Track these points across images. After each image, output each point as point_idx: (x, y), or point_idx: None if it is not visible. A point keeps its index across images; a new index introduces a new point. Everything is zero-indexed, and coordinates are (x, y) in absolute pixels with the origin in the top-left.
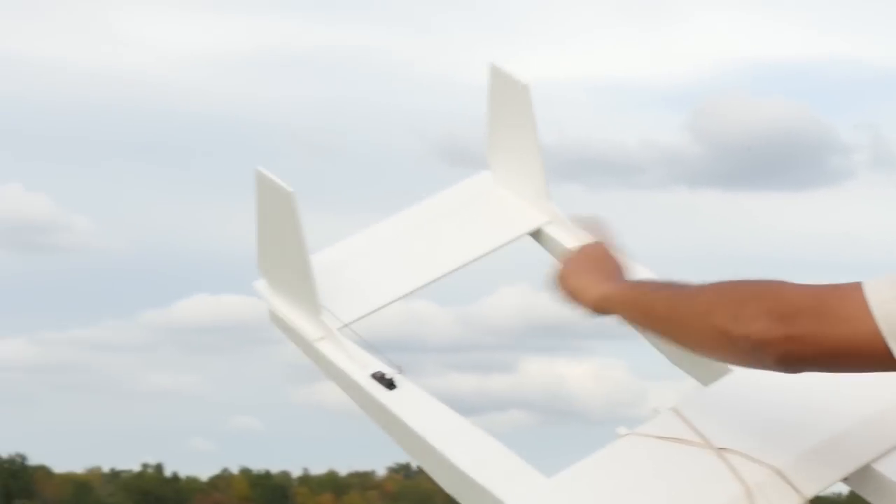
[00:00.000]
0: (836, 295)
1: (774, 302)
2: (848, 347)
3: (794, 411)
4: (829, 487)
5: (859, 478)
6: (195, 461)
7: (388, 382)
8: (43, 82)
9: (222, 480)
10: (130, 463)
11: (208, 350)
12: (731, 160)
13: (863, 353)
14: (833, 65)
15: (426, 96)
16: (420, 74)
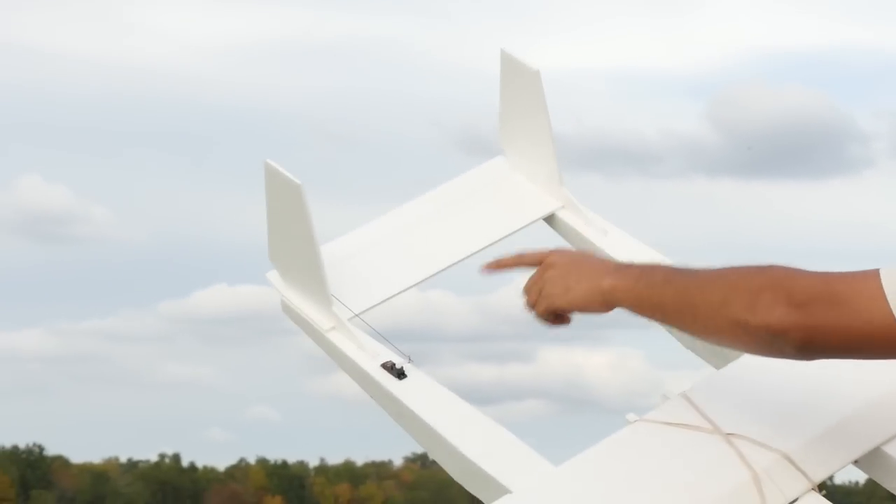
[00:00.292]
0: (852, 282)
1: (790, 290)
2: (864, 335)
3: (803, 396)
4: (838, 471)
5: (870, 461)
6: (212, 451)
7: (397, 372)
8: (61, 74)
9: (239, 471)
10: (148, 453)
11: (226, 341)
12: (750, 145)
13: (879, 340)
14: (852, 53)
15: (444, 86)
16: (438, 64)
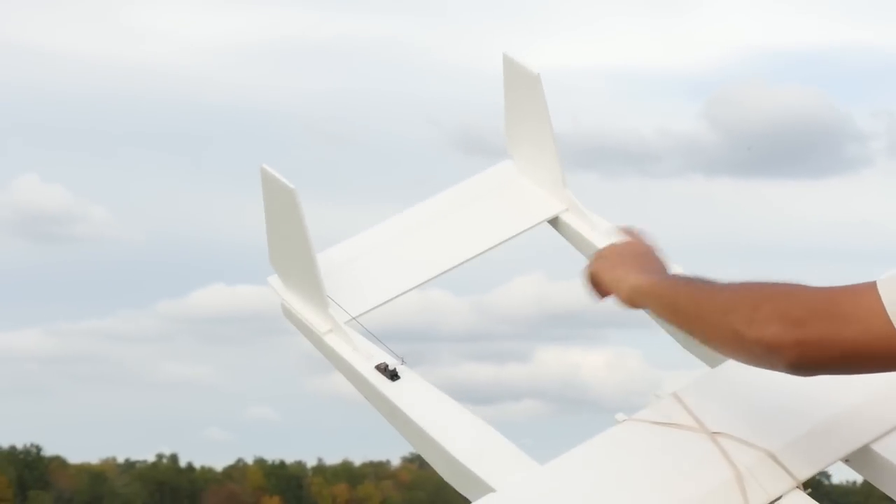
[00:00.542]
0: (849, 295)
1: (787, 306)
2: (862, 348)
3: (792, 396)
4: (824, 469)
5: (859, 459)
6: (210, 451)
7: (390, 374)
8: (59, 73)
9: (237, 471)
10: (145, 453)
11: (224, 340)
12: (748, 145)
13: (878, 353)
14: (850, 52)
15: (442, 85)
16: (436, 63)
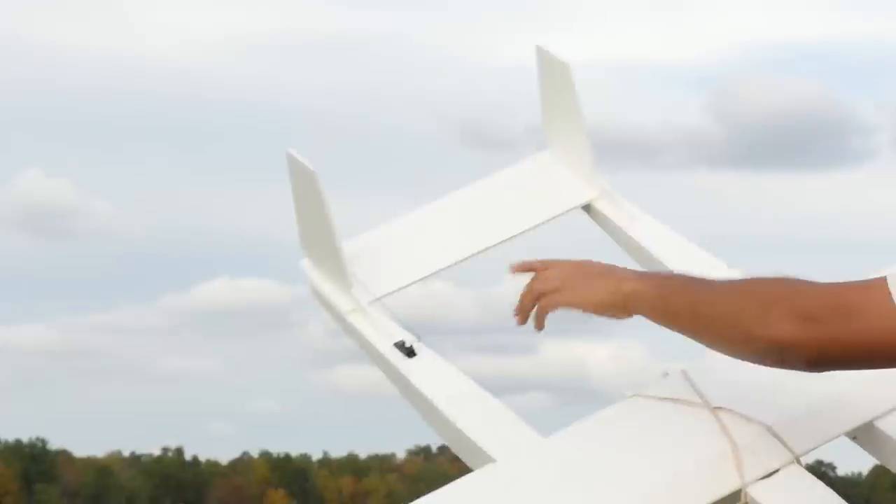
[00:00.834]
0: (860, 291)
1: (800, 304)
2: (876, 343)
3: (796, 374)
4: (822, 445)
5: (864, 436)
6: (215, 445)
7: (407, 350)
8: (63, 68)
9: (242, 464)
10: (151, 447)
11: (228, 334)
12: (751, 141)
13: (891, 348)
14: (854, 45)
15: (446, 79)
16: (440, 58)
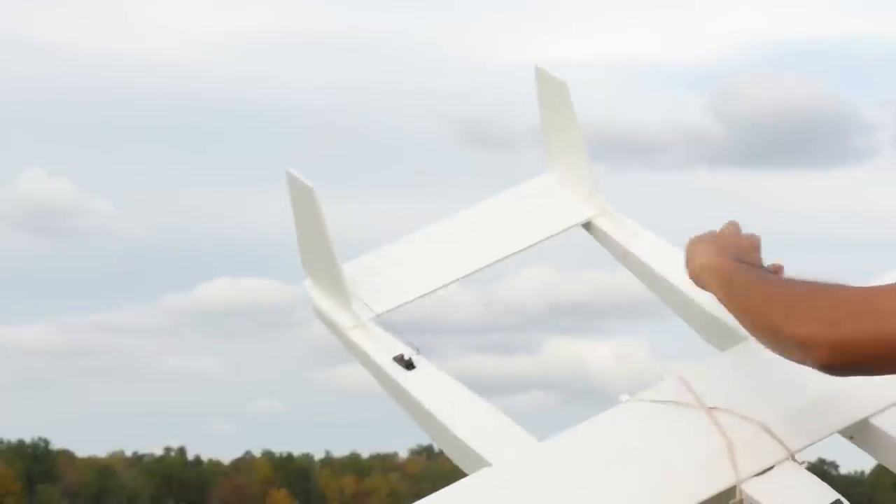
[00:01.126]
0: (883, 294)
1: (822, 306)
2: (893, 350)
3: (792, 374)
4: (817, 442)
5: (859, 433)
6: (217, 445)
7: (406, 364)
8: (63, 68)
9: (244, 464)
10: (153, 447)
11: (229, 334)
12: (752, 139)
13: None
14: (855, 43)
15: (446, 78)
16: (440, 57)
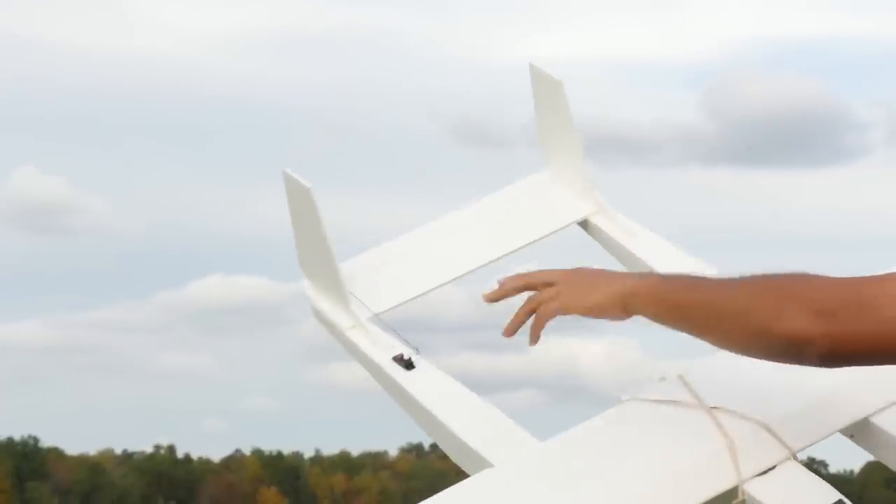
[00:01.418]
0: (876, 285)
1: (815, 299)
2: (891, 336)
3: (793, 373)
4: (818, 441)
5: (859, 432)
6: (207, 442)
7: (405, 363)
8: (58, 65)
9: (234, 461)
10: (143, 444)
11: (222, 331)
12: (745, 138)
13: None
14: (849, 42)
15: (441, 76)
16: (435, 55)
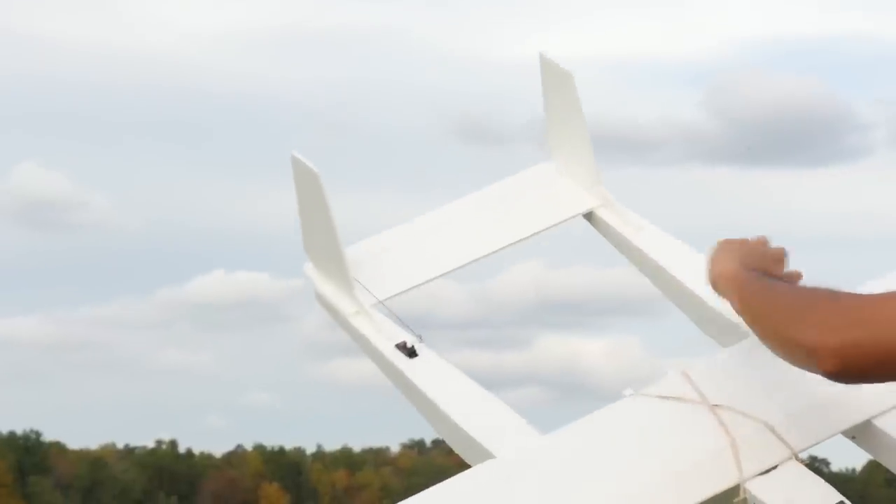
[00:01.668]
0: (890, 301)
1: (829, 313)
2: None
3: (797, 373)
4: (822, 441)
5: (861, 434)
6: (209, 438)
7: (409, 351)
8: (59, 61)
9: (236, 457)
10: (145, 439)
11: (223, 327)
12: (746, 137)
13: None
14: (850, 41)
15: (442, 74)
16: (439, 53)
